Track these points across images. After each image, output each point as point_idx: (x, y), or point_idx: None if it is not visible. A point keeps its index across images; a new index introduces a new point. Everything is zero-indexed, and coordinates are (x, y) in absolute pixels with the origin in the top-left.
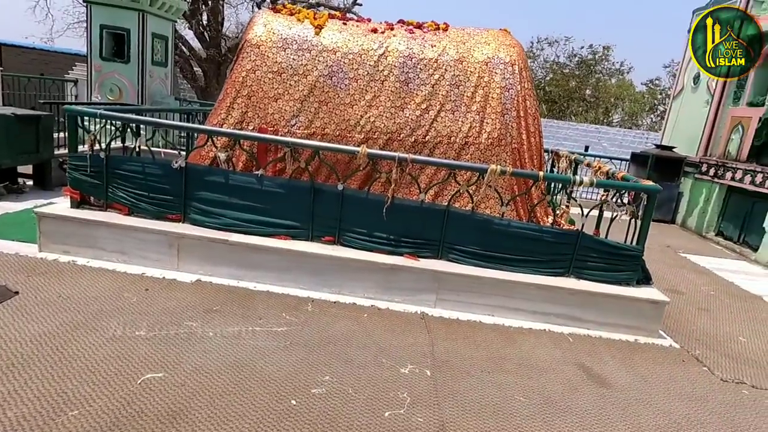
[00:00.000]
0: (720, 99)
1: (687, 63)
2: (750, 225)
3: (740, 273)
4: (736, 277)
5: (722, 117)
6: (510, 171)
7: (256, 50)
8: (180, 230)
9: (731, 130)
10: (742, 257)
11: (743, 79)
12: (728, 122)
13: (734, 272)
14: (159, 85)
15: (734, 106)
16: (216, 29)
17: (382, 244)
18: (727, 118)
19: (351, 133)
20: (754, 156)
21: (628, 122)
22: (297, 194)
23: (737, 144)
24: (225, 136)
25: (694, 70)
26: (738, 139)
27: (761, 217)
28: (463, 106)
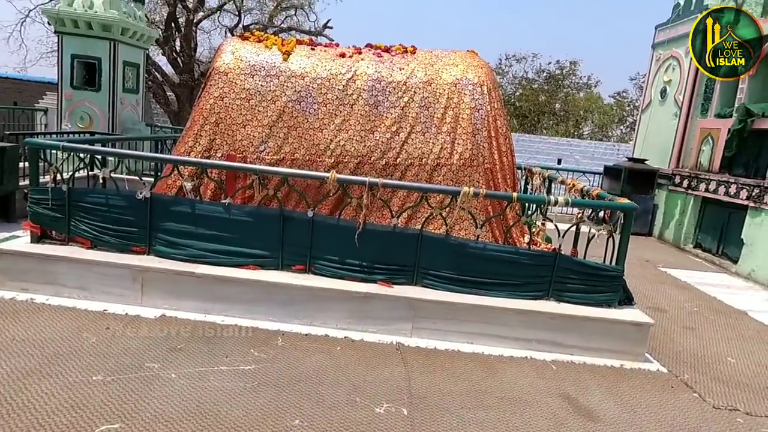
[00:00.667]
0: (688, 111)
1: (653, 77)
2: (728, 236)
3: (722, 287)
4: (719, 291)
5: (691, 129)
6: (483, 193)
7: (224, 77)
8: (144, 263)
9: (701, 142)
10: (722, 269)
11: (709, 91)
12: (698, 134)
13: (716, 286)
14: (130, 111)
15: (702, 118)
16: (189, 55)
17: (355, 272)
18: (696, 129)
19: (321, 157)
20: (726, 167)
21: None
22: (266, 222)
23: (708, 155)
24: (191, 165)
25: (660, 84)
26: (709, 150)
27: (738, 227)
28: (434, 127)
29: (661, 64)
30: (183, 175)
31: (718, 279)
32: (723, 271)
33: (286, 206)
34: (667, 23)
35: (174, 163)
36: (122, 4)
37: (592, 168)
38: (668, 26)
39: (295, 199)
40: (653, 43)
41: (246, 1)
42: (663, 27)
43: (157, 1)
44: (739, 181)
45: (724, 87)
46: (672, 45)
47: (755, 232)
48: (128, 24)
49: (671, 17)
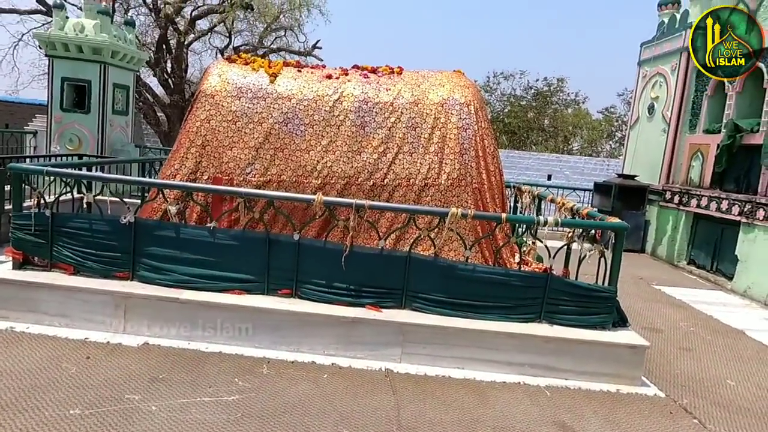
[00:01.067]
0: (676, 127)
1: (640, 93)
2: (722, 252)
3: (718, 305)
4: (715, 309)
5: (680, 144)
6: (472, 214)
7: (210, 100)
8: (127, 289)
9: (691, 157)
10: (717, 286)
11: (697, 107)
12: (687, 149)
13: (712, 304)
14: (119, 133)
15: (691, 134)
16: (180, 76)
17: (342, 296)
18: (686, 145)
19: (308, 179)
20: (717, 182)
21: (588, 149)
22: (251, 246)
23: (699, 171)
24: (175, 188)
25: (647, 100)
26: (699, 165)
27: (732, 243)
28: (421, 147)
29: (647, 80)
30: (168, 199)
31: (714, 296)
32: (718, 288)
33: (272, 229)
34: (652, 41)
35: (158, 187)
36: (113, 27)
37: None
38: (653, 44)
39: (282, 222)
40: (639, 60)
41: (236, 23)
42: (648, 44)
43: (149, 23)
44: (730, 196)
45: (712, 103)
46: (658, 62)
47: (749, 249)
48: (118, 47)
49: (656, 35)
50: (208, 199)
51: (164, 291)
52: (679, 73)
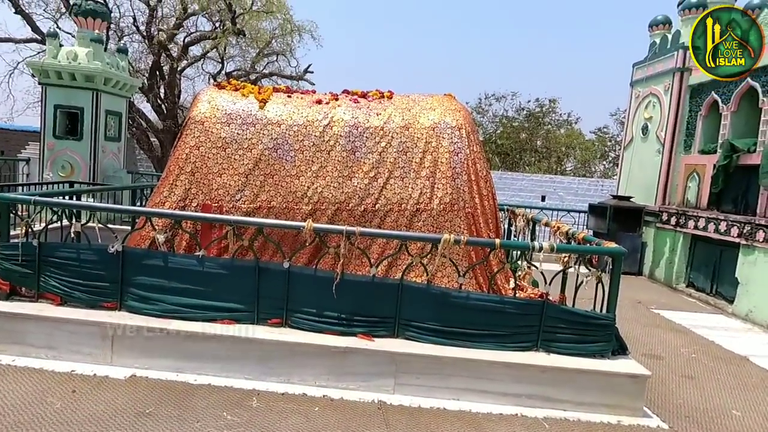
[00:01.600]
0: (671, 147)
1: (633, 114)
2: (721, 275)
3: (719, 329)
4: (717, 334)
5: (676, 165)
6: (465, 240)
7: (199, 127)
8: (115, 320)
9: (687, 178)
10: (717, 310)
11: (691, 127)
12: (682, 170)
13: (713, 329)
14: (111, 159)
15: (686, 154)
16: (173, 101)
17: (334, 324)
18: (681, 166)
19: (298, 204)
20: (714, 203)
21: (581, 170)
22: (240, 274)
23: (695, 191)
24: (163, 217)
25: (641, 120)
26: (695, 186)
27: (731, 265)
28: (412, 172)
29: (640, 101)
30: (156, 227)
31: (715, 321)
32: (719, 311)
33: (262, 257)
34: (644, 61)
35: (146, 215)
36: (106, 55)
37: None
38: (645, 64)
39: (272, 250)
40: (631, 80)
41: (229, 49)
42: (640, 65)
43: (143, 50)
44: (729, 217)
45: (707, 123)
46: (650, 82)
47: (750, 271)
48: (111, 74)
49: (648, 55)
50: (197, 227)
51: (152, 321)
52: (673, 93)
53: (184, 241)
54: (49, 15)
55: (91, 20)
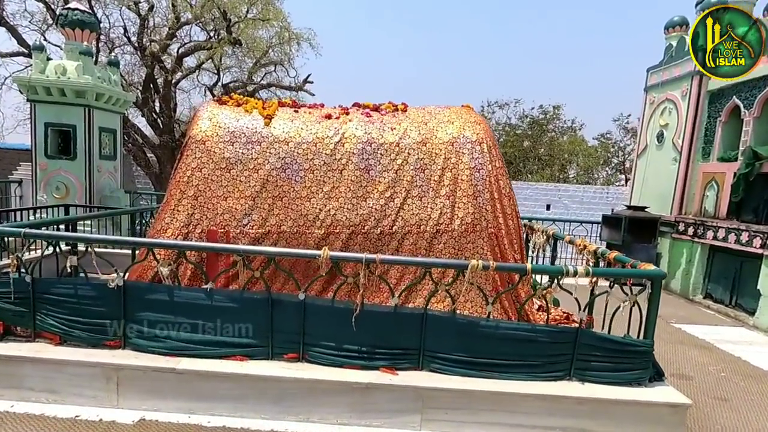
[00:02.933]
0: (688, 155)
1: (647, 121)
2: (741, 286)
3: (743, 343)
4: (741, 349)
5: (693, 174)
6: (494, 266)
7: (201, 146)
8: (118, 360)
9: (705, 187)
10: (738, 322)
11: (710, 134)
12: (700, 178)
13: (737, 343)
14: (108, 179)
15: (704, 162)
16: (168, 115)
17: (354, 358)
18: (699, 174)
19: (310, 228)
20: (734, 212)
21: (584, 176)
22: (252, 308)
23: (714, 201)
24: (165, 248)
25: (656, 127)
26: (713, 195)
27: (752, 277)
28: (431, 191)
29: (656, 107)
30: (158, 259)
31: (738, 334)
32: (740, 324)
33: (273, 286)
34: (659, 66)
35: (147, 247)
36: (96, 68)
37: (582, 213)
38: (661, 69)
39: (283, 278)
40: (646, 86)
41: (225, 59)
42: (655, 70)
43: (135, 62)
44: (751, 228)
45: (727, 129)
46: (666, 88)
47: None
48: (103, 89)
49: (664, 59)
50: (202, 256)
51: (159, 361)
52: (691, 98)
53: (189, 271)
54: (36, 27)
55: (79, 31)
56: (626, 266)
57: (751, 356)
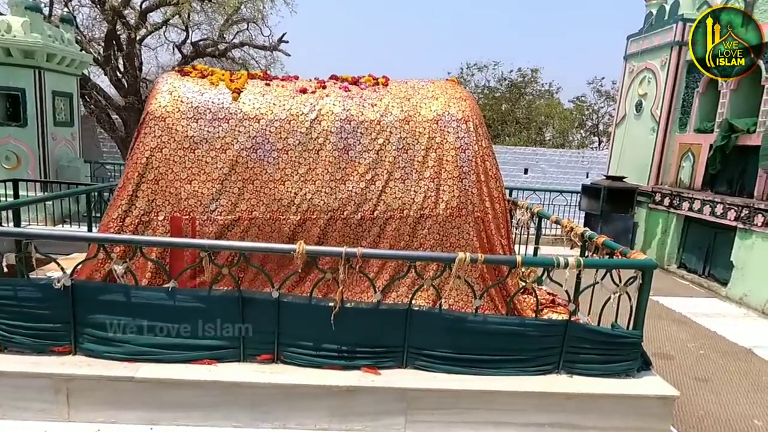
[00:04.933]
0: (666, 126)
1: (626, 89)
2: (714, 257)
3: (718, 316)
4: (717, 323)
5: (670, 144)
6: (482, 258)
7: (161, 124)
8: (69, 370)
9: (681, 158)
10: (711, 293)
11: (687, 105)
12: (677, 149)
13: (712, 316)
14: (64, 147)
15: (681, 133)
16: (133, 75)
17: (334, 358)
18: (675, 145)
19: (284, 214)
20: (708, 184)
21: (559, 139)
22: (221, 307)
23: (689, 171)
24: (116, 243)
25: (635, 97)
26: (689, 166)
27: (725, 248)
28: (415, 172)
29: (635, 76)
30: (111, 256)
31: (711, 306)
32: (712, 294)
33: (243, 280)
34: (639, 34)
35: (98, 242)
36: (46, 26)
37: (558, 177)
38: (641, 37)
39: (255, 271)
40: (625, 54)
41: (193, 15)
42: (635, 38)
43: (95, 16)
44: (725, 200)
45: (704, 100)
46: (646, 56)
47: (746, 255)
48: (54, 49)
49: (644, 27)
50: (165, 252)
51: (116, 369)
52: (669, 68)
53: (149, 271)
54: None
55: None
56: (615, 253)
57: (727, 330)
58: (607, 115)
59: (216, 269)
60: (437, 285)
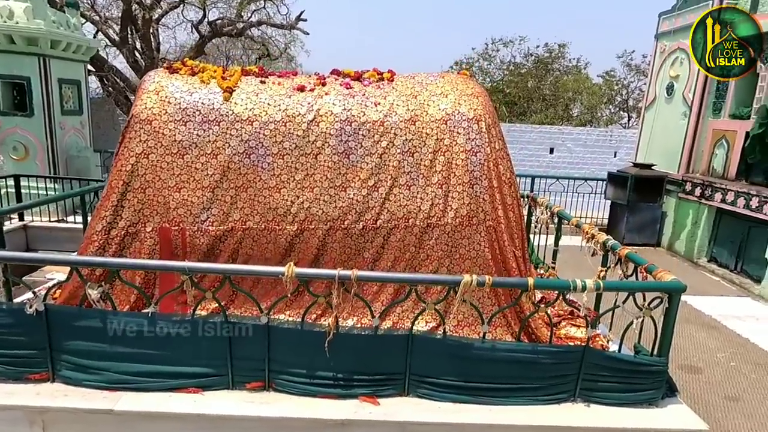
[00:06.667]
0: (699, 110)
1: (657, 71)
2: (747, 252)
3: (750, 319)
4: (748, 328)
5: (702, 130)
6: (490, 281)
7: (146, 127)
8: (43, 402)
9: (714, 145)
10: (743, 290)
11: (723, 89)
12: (710, 136)
13: (743, 319)
14: (74, 136)
15: (714, 118)
16: (150, 56)
17: (329, 386)
18: (708, 131)
19: (280, 224)
20: (743, 173)
21: (587, 115)
22: (207, 333)
23: (723, 160)
24: (91, 266)
25: (666, 79)
26: (723, 154)
27: (759, 243)
28: (421, 178)
29: (666, 56)
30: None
31: (743, 307)
32: (744, 292)
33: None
34: (672, 11)
35: (71, 265)
36: (50, 11)
37: (585, 156)
38: (674, 14)
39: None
40: (656, 32)
41: None
42: (668, 15)
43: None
44: (761, 193)
45: (740, 85)
46: (678, 36)
47: None
48: (59, 35)
49: (677, 4)
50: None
51: (94, 400)
52: None
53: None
54: None
55: None
56: (640, 270)
57: (760, 338)
58: (637, 90)
59: (200, 293)
60: (441, 309)
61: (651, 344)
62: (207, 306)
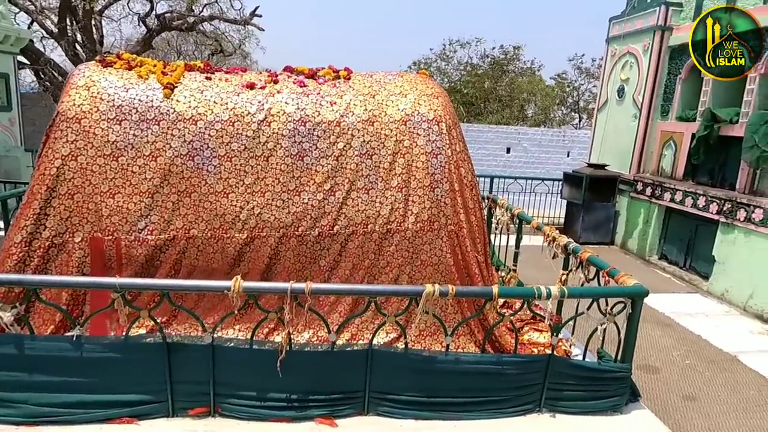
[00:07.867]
0: (648, 113)
1: (608, 74)
2: (696, 249)
3: (701, 316)
4: (700, 324)
5: (652, 132)
6: (453, 291)
7: (75, 126)
8: None
9: (663, 146)
10: (693, 287)
11: (669, 92)
12: (658, 137)
13: (695, 316)
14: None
15: (663, 120)
16: (92, 49)
17: (282, 409)
18: (657, 132)
19: (228, 232)
20: (690, 173)
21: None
22: (142, 356)
23: (671, 160)
24: (4, 285)
25: (617, 81)
26: (671, 155)
27: (707, 241)
28: (380, 181)
29: (617, 60)
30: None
31: (694, 303)
32: (694, 289)
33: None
34: (621, 16)
35: None
36: None
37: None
38: (624, 19)
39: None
40: (607, 36)
41: None
42: (618, 20)
43: None
44: (708, 192)
45: (686, 87)
46: (628, 40)
47: (728, 250)
48: None
49: (626, 9)
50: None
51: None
52: (652, 53)
53: (57, 317)
54: None
55: None
56: (602, 274)
57: (711, 334)
58: (587, 92)
59: (134, 312)
60: (402, 321)
61: (614, 348)
62: (145, 323)
